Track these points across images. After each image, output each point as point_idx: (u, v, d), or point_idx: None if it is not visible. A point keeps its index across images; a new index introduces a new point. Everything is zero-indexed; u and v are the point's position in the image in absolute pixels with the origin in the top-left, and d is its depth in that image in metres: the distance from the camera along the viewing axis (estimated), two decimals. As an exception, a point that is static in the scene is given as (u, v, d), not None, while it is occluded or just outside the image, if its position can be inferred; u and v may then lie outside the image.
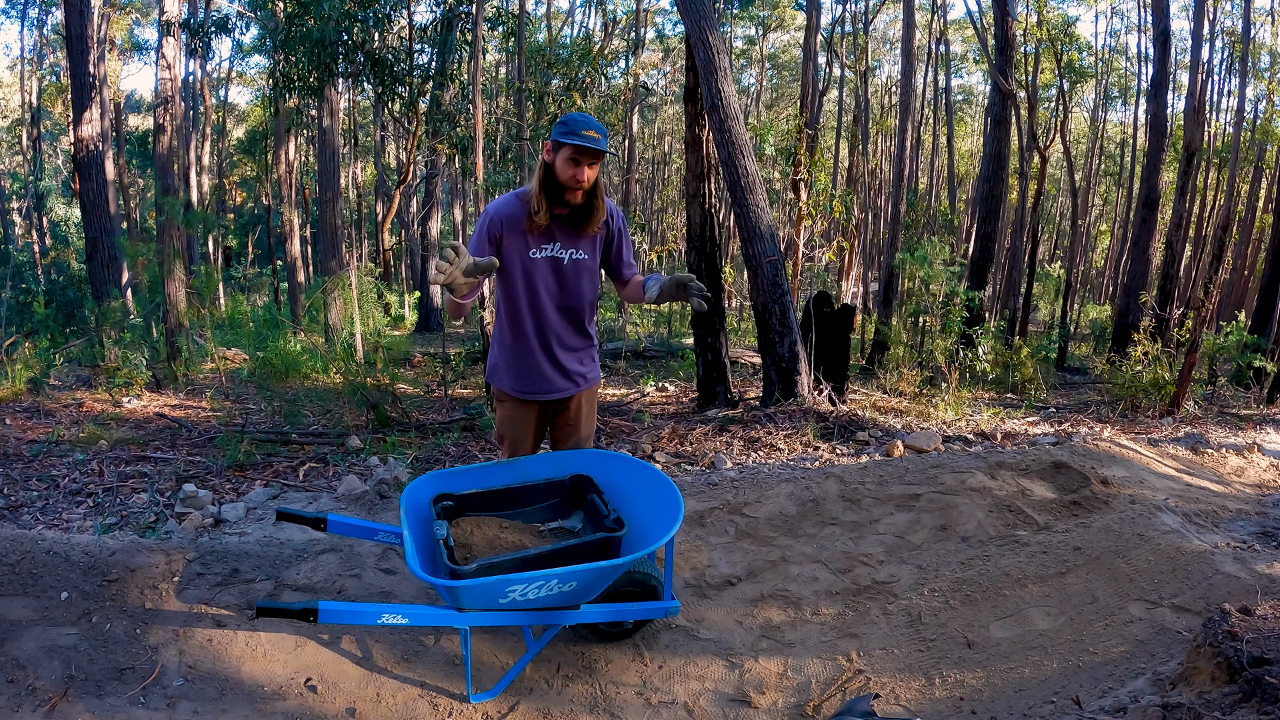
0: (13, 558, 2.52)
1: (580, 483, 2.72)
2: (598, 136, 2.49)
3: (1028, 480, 3.74)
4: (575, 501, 2.74)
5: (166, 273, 8.88)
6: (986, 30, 15.80)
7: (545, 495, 2.74)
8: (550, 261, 2.64)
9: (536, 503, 2.73)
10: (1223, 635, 2.00)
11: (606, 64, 14.79)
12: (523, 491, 2.71)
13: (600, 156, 2.53)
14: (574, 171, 2.51)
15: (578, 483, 2.72)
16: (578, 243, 2.66)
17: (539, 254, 2.62)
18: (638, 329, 15.22)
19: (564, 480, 2.73)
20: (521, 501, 2.71)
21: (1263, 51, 21.18)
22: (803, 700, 2.51)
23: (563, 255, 2.65)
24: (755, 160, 6.70)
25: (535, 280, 2.64)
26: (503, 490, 2.68)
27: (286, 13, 11.21)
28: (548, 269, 2.64)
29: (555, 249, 2.64)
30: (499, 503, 2.68)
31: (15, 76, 24.85)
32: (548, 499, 2.74)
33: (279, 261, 22.58)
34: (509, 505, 2.69)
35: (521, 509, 2.71)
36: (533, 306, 2.66)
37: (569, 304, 2.70)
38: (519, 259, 2.62)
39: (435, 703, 2.43)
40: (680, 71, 19.99)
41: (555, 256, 2.64)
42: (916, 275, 9.65)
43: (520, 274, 2.64)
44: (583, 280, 2.70)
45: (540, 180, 2.57)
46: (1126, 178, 24.70)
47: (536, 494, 2.72)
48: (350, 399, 6.26)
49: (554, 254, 2.64)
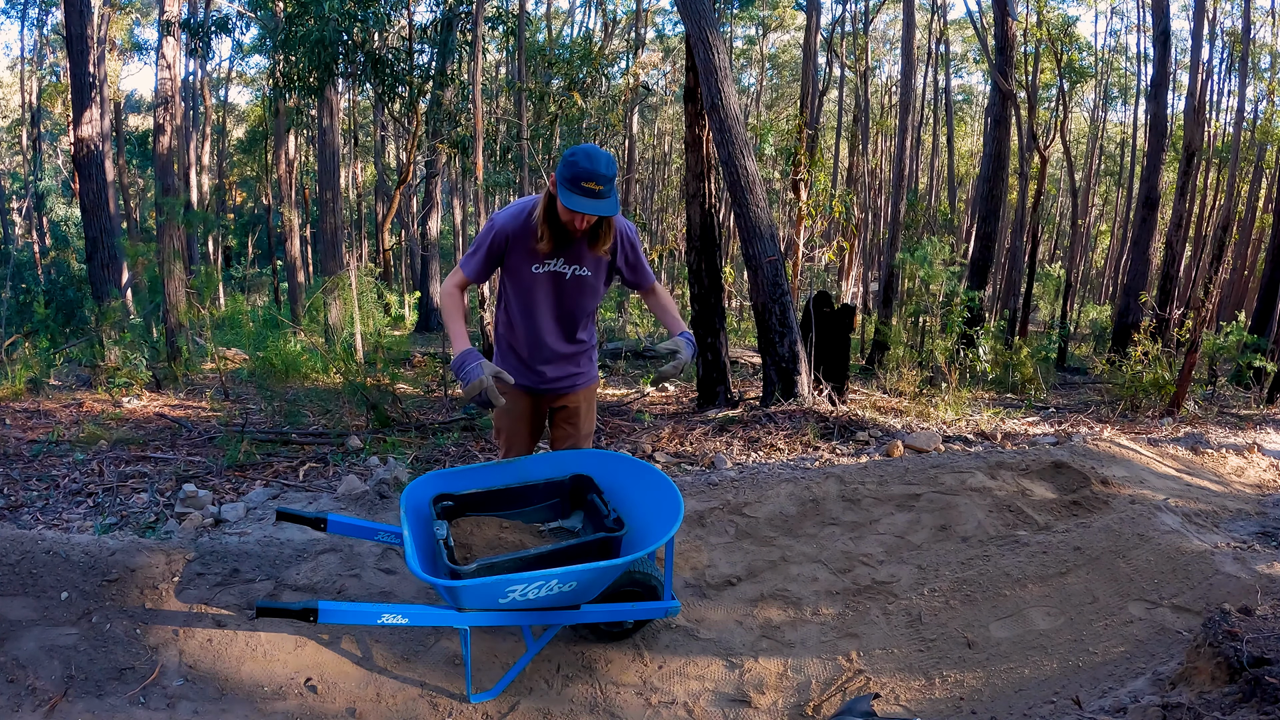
0: (13, 558, 2.52)
1: (580, 482, 2.72)
2: (598, 189, 2.37)
3: (1028, 480, 3.74)
4: (575, 501, 2.74)
5: (166, 273, 8.88)
6: (986, 30, 15.80)
7: (545, 495, 2.74)
8: (553, 276, 2.63)
9: (537, 502, 2.73)
10: (1223, 635, 2.00)
11: (607, 64, 14.79)
12: (523, 491, 2.71)
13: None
14: (573, 218, 2.47)
15: (578, 482, 2.72)
16: (583, 260, 2.64)
17: (542, 269, 2.61)
18: (638, 329, 15.22)
19: (564, 480, 2.73)
20: (522, 501, 2.71)
21: (1263, 51, 21.18)
22: (803, 700, 2.51)
23: (566, 271, 2.63)
24: (755, 160, 6.70)
25: (536, 292, 2.64)
26: (503, 490, 2.68)
27: (286, 13, 11.22)
28: (549, 283, 2.64)
29: (559, 264, 2.62)
30: (499, 502, 2.68)
31: (15, 76, 24.85)
32: (548, 499, 2.74)
33: (279, 261, 22.58)
34: (509, 505, 2.69)
35: (522, 509, 2.71)
36: (531, 315, 2.67)
37: (568, 314, 2.70)
38: (523, 272, 2.62)
39: (435, 703, 2.43)
40: (680, 71, 20.02)
41: (558, 271, 2.63)
42: (916, 275, 9.65)
43: (522, 286, 2.64)
44: (584, 295, 2.69)
45: (544, 210, 2.52)
46: (1126, 178, 24.70)
47: (537, 494, 2.73)
48: (350, 399, 6.26)
49: (557, 269, 2.62)
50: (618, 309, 16.27)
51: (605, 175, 2.37)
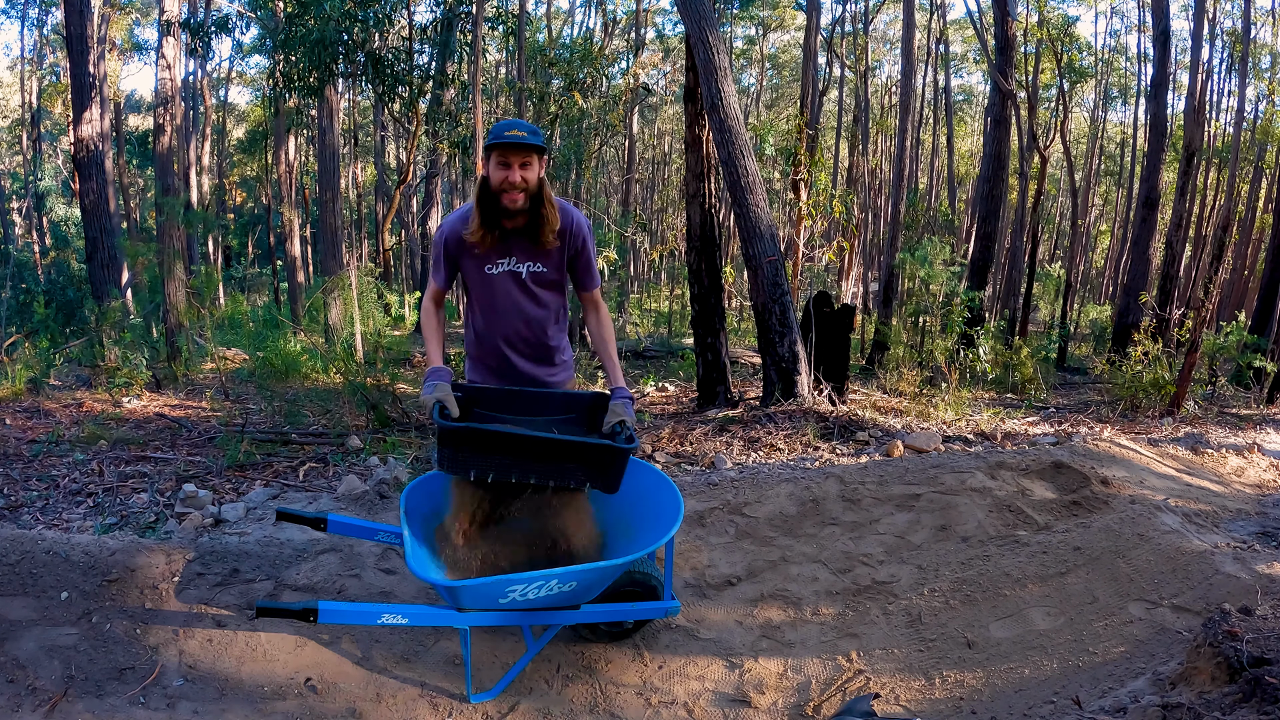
0: (13, 558, 2.52)
1: (600, 401, 2.61)
2: (522, 134, 2.40)
3: (1028, 480, 3.74)
4: (592, 424, 2.63)
5: (166, 273, 8.88)
6: (986, 30, 15.80)
7: (563, 408, 2.63)
8: (509, 276, 2.57)
9: (552, 413, 2.62)
10: (1223, 635, 2.00)
11: (608, 64, 14.81)
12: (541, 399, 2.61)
13: (529, 152, 2.42)
14: (504, 174, 2.42)
15: (597, 402, 2.62)
16: (535, 256, 2.57)
17: (495, 270, 2.56)
18: (638, 329, 15.22)
19: (584, 397, 2.64)
20: (537, 409, 2.61)
21: (1263, 51, 21.18)
22: (803, 700, 2.51)
23: (520, 269, 2.57)
24: (755, 160, 6.70)
25: (495, 296, 2.58)
26: (517, 394, 2.59)
27: (286, 13, 11.22)
28: (507, 284, 2.58)
29: (511, 263, 2.56)
30: (512, 406, 2.58)
31: (15, 76, 24.85)
32: (565, 412, 2.63)
33: (279, 261, 22.58)
34: (523, 411, 2.60)
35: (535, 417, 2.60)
36: (493, 323, 2.62)
37: (531, 316, 2.63)
38: (477, 276, 2.57)
39: (435, 703, 2.43)
40: (680, 71, 19.99)
41: (513, 271, 2.57)
42: (916, 275, 9.65)
43: (481, 291, 2.59)
44: (544, 293, 2.63)
45: (477, 196, 2.50)
46: (1126, 178, 24.70)
47: (554, 404, 2.62)
48: (350, 399, 6.26)
49: (511, 268, 2.57)
50: (618, 309, 16.27)
51: (527, 126, 2.45)
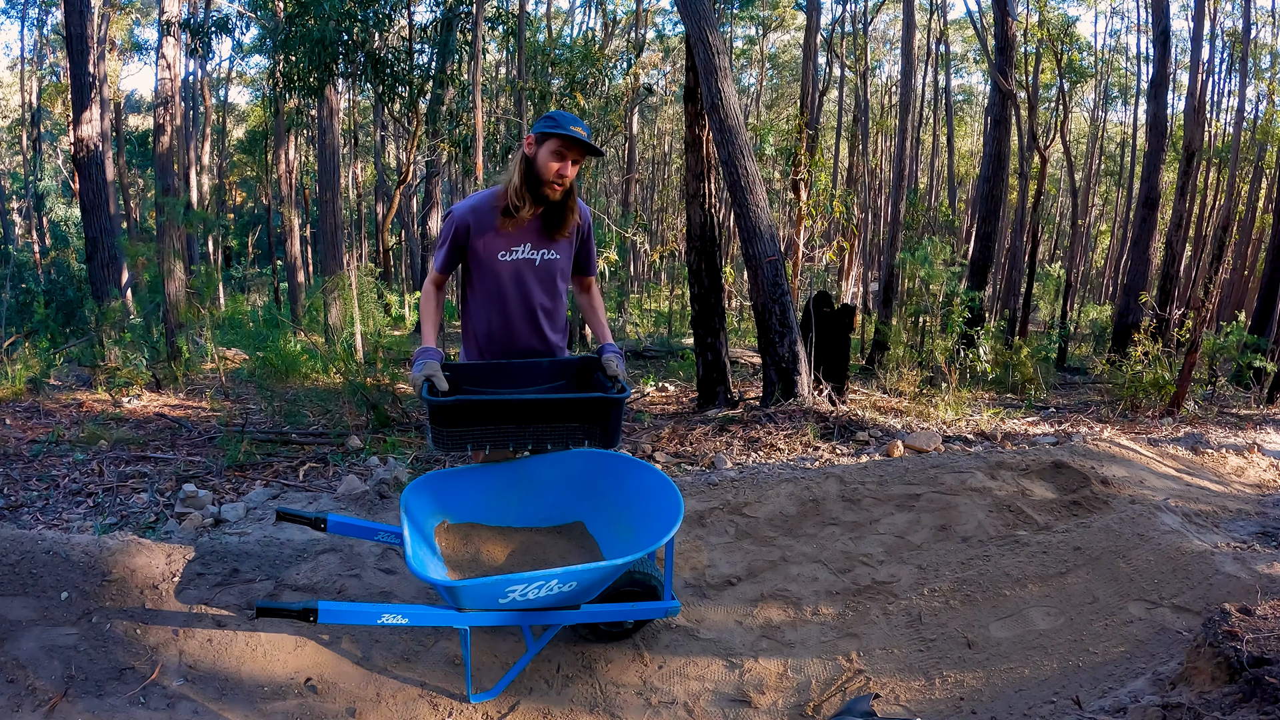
0: (13, 558, 2.52)
1: (589, 364, 2.65)
2: (585, 133, 2.42)
3: (1028, 480, 3.74)
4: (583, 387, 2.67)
5: (166, 273, 8.89)
6: (986, 30, 15.80)
7: (551, 375, 2.65)
8: (523, 264, 2.57)
9: (542, 382, 2.64)
10: (1223, 635, 2.00)
11: (609, 64, 14.80)
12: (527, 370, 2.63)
13: (585, 153, 2.45)
14: (559, 166, 2.42)
15: (586, 364, 2.66)
16: (550, 244, 2.58)
17: (509, 256, 2.55)
18: (638, 329, 15.22)
19: (572, 361, 2.67)
20: (525, 380, 2.62)
21: (1263, 51, 21.17)
22: (803, 700, 2.51)
23: (534, 256, 2.57)
24: (755, 160, 6.70)
25: (504, 283, 2.57)
26: (505, 366, 2.60)
27: (286, 13, 11.22)
28: (518, 271, 2.57)
29: (527, 250, 2.56)
30: (502, 379, 2.59)
31: (15, 76, 24.86)
32: (554, 380, 2.66)
33: (279, 261, 22.59)
34: (513, 383, 2.60)
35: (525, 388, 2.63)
36: (499, 310, 2.60)
37: (539, 305, 2.63)
38: (488, 260, 2.55)
39: (435, 703, 2.43)
40: (680, 71, 19.98)
41: (528, 258, 2.56)
42: (916, 275, 9.65)
43: (489, 275, 2.57)
44: (555, 281, 2.63)
45: (522, 174, 2.47)
46: (1126, 178, 24.69)
47: (542, 373, 2.64)
48: (350, 399, 6.26)
49: (526, 255, 2.56)
50: (618, 309, 16.26)
51: (584, 125, 2.47)
